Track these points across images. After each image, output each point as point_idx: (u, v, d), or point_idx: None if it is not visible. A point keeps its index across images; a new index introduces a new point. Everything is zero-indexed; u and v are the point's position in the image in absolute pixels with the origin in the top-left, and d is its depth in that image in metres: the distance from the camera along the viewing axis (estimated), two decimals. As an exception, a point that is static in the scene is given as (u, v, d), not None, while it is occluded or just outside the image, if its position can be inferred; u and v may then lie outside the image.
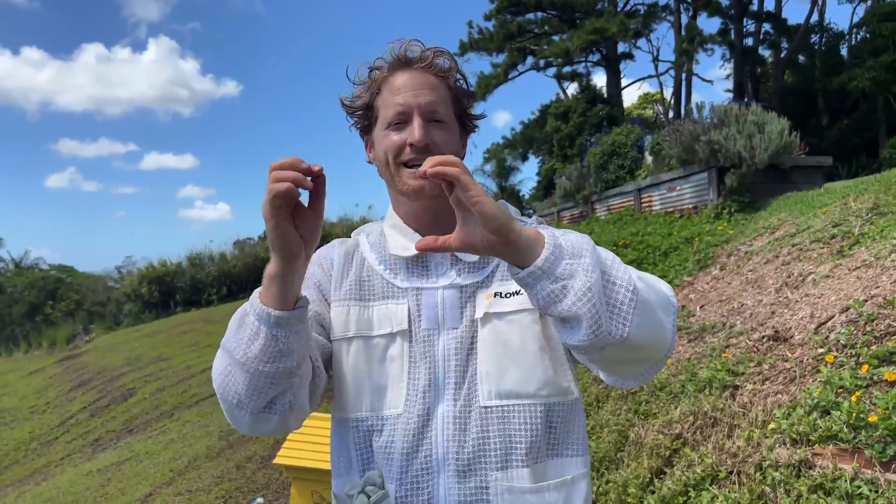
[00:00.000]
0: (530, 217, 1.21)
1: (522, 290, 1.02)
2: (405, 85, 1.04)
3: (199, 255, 22.37)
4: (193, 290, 21.13)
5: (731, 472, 2.62)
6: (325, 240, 1.27)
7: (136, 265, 24.39)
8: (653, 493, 2.79)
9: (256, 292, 0.92)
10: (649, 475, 2.92)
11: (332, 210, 26.03)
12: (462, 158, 1.14)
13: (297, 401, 0.95)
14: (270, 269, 0.88)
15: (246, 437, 6.12)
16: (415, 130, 1.02)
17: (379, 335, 1.05)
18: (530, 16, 20.19)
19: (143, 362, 12.14)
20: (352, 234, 1.22)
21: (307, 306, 0.92)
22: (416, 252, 1.06)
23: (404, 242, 1.10)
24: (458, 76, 1.11)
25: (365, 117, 1.11)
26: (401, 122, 1.04)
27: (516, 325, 1.02)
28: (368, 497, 0.99)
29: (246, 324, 0.90)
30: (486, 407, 0.99)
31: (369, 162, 1.14)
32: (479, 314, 1.03)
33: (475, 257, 1.07)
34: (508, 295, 1.04)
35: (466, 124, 1.14)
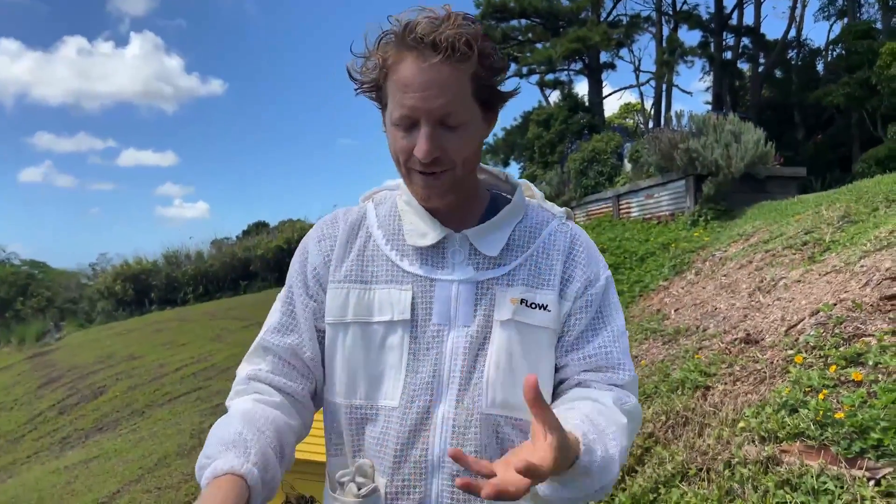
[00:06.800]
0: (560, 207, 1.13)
1: (549, 306, 0.99)
2: (412, 83, 0.88)
3: (176, 254, 22.01)
4: (169, 288, 20.77)
5: (700, 470, 2.65)
6: None
7: (110, 262, 23.88)
8: (624, 490, 2.81)
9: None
10: (621, 473, 2.94)
11: (313, 212, 25.92)
12: (486, 135, 1.02)
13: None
14: None
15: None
16: (421, 145, 0.89)
17: (378, 321, 0.98)
18: (514, 23, 20.37)
19: (115, 360, 11.91)
20: (360, 200, 1.10)
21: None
22: (432, 242, 0.99)
23: (421, 227, 0.99)
24: (485, 56, 0.91)
25: (377, 98, 0.98)
26: (409, 124, 0.91)
27: (535, 343, 0.98)
28: (359, 488, 0.97)
29: None
30: (487, 414, 0.95)
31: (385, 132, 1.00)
32: (502, 316, 0.97)
33: (496, 251, 1.00)
34: (535, 306, 0.98)
35: (494, 105, 0.98)
